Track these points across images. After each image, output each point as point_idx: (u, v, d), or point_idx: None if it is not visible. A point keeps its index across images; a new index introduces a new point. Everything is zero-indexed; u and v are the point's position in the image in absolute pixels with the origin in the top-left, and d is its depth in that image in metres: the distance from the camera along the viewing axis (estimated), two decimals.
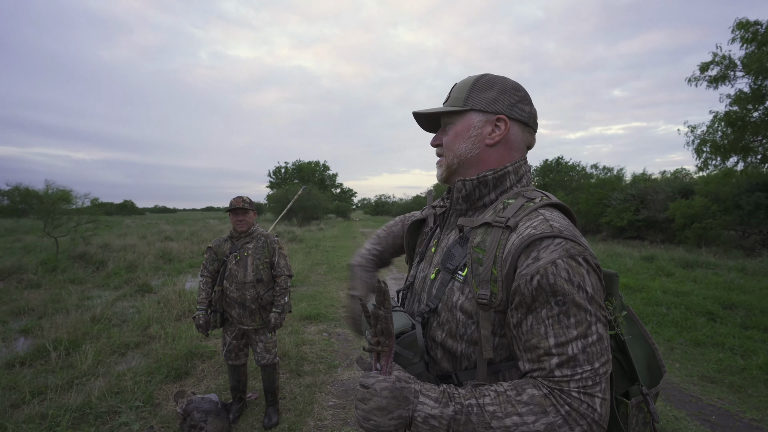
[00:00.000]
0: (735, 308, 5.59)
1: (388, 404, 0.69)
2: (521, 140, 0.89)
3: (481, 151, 0.88)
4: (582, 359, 0.66)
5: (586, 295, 0.68)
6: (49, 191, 10.73)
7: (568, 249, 0.69)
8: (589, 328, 0.67)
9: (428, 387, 0.72)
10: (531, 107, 0.90)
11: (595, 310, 0.68)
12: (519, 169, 0.88)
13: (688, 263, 9.23)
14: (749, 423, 2.95)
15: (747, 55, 9.18)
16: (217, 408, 2.75)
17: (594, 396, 0.66)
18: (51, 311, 5.74)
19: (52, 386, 3.38)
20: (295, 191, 30.88)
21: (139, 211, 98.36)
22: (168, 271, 9.72)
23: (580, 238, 0.73)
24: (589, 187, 21.27)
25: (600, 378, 0.67)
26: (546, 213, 0.76)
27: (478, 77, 0.91)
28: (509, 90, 0.88)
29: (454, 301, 0.80)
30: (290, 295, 2.95)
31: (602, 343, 0.68)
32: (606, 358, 0.68)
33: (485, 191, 0.87)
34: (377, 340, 0.73)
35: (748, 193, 12.15)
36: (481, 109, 0.87)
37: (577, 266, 0.68)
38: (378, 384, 0.71)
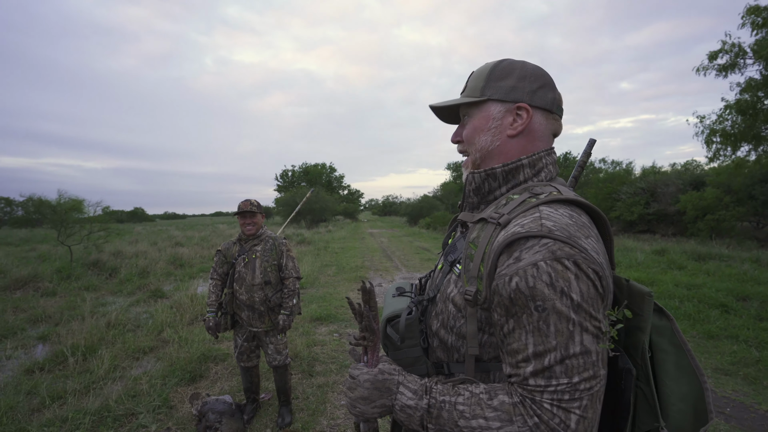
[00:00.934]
0: (749, 300, 5.52)
1: (370, 394, 0.76)
2: (545, 128, 0.83)
3: (502, 143, 0.83)
4: (559, 371, 0.62)
5: (571, 303, 0.62)
6: (62, 201, 10.93)
7: (554, 251, 0.63)
8: (571, 338, 0.62)
9: (411, 379, 0.76)
10: (554, 92, 0.83)
11: (581, 320, 0.62)
12: (537, 161, 0.82)
13: (700, 256, 9.11)
14: (764, 414, 2.92)
15: (757, 41, 9.03)
16: (232, 409, 2.80)
17: (570, 411, 0.61)
18: (67, 318, 5.86)
19: (70, 391, 3.46)
20: (303, 194, 31.04)
21: (149, 218, 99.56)
22: (179, 276, 9.84)
23: (580, 239, 0.65)
24: (598, 181, 21.08)
25: (580, 394, 0.61)
26: (546, 210, 0.70)
27: (496, 63, 0.85)
28: (529, 75, 0.82)
29: (448, 293, 0.81)
30: (299, 296, 2.93)
31: (587, 356, 0.62)
32: (591, 373, 0.62)
33: (495, 185, 0.83)
34: (362, 336, 0.80)
35: (762, 183, 11.96)
36: (499, 99, 0.82)
37: (562, 270, 0.62)
38: (362, 376, 0.78)
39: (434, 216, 26.93)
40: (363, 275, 9.13)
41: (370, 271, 9.72)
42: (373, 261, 11.60)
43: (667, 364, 0.72)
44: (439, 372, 0.82)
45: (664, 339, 0.73)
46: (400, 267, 10.44)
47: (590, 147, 1.00)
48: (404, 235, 22.30)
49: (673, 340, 0.73)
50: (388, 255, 13.02)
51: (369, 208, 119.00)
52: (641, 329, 0.71)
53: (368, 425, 0.83)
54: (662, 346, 0.73)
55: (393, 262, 11.45)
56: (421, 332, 0.85)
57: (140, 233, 24.95)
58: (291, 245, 2.96)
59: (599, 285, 0.64)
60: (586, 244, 0.65)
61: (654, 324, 0.74)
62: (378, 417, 0.78)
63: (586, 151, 1.00)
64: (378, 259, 11.96)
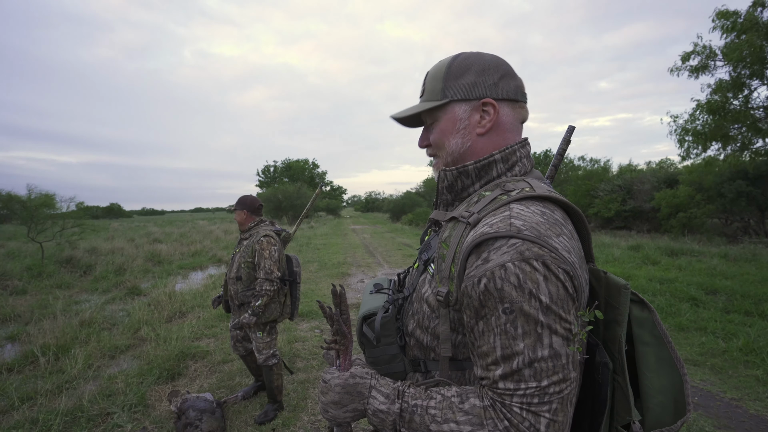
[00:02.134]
0: (717, 293, 5.75)
1: (341, 398, 0.75)
2: (513, 119, 0.81)
3: (473, 142, 0.81)
4: (527, 374, 0.61)
5: (540, 305, 0.60)
6: (32, 196, 10.52)
7: (522, 251, 0.61)
8: (539, 341, 0.61)
9: (383, 383, 0.75)
10: (515, 79, 0.81)
11: (550, 322, 0.61)
12: (510, 155, 0.80)
13: (673, 251, 9.43)
14: (729, 402, 3.05)
15: (727, 44, 9.37)
16: (212, 407, 2.76)
17: (539, 415, 0.61)
18: (38, 317, 5.66)
19: (41, 391, 3.35)
20: (285, 190, 30.69)
21: (126, 214, 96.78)
22: (158, 273, 9.63)
23: (550, 238, 0.63)
24: (577, 179, 21.55)
25: (550, 397, 0.61)
26: (516, 208, 0.68)
27: (450, 60, 0.82)
28: (489, 68, 0.79)
29: (422, 292, 0.81)
30: (272, 299, 2.80)
31: (557, 359, 0.61)
32: (560, 377, 0.61)
33: (468, 182, 0.81)
34: (334, 339, 0.80)
35: (730, 181, 12.44)
36: (462, 98, 0.80)
37: (531, 271, 0.61)
38: (333, 380, 0.77)
39: (417, 212, 27.08)
40: (345, 271, 9.11)
41: (352, 267, 9.70)
42: (355, 257, 11.58)
43: (648, 356, 0.71)
44: (416, 370, 0.82)
45: (645, 331, 0.72)
46: (383, 263, 10.46)
47: (569, 134, 0.99)
48: (387, 232, 22.35)
49: (654, 332, 0.71)
50: (371, 251, 13.02)
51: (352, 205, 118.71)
52: (618, 322, 0.71)
53: (341, 429, 0.82)
54: (643, 338, 0.72)
55: (375, 258, 11.46)
56: (398, 330, 0.84)
57: (117, 229, 24.27)
58: (268, 244, 2.79)
59: (569, 286, 0.63)
60: (557, 242, 0.64)
61: (635, 315, 0.73)
62: (351, 421, 0.77)
63: (565, 139, 0.99)
64: (360, 255, 11.95)
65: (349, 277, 8.49)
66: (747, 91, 9.64)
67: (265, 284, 2.71)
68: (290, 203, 28.91)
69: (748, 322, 4.54)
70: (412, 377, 0.82)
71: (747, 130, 9.94)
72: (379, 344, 0.84)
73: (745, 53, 8.58)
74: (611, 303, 0.72)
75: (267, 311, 2.81)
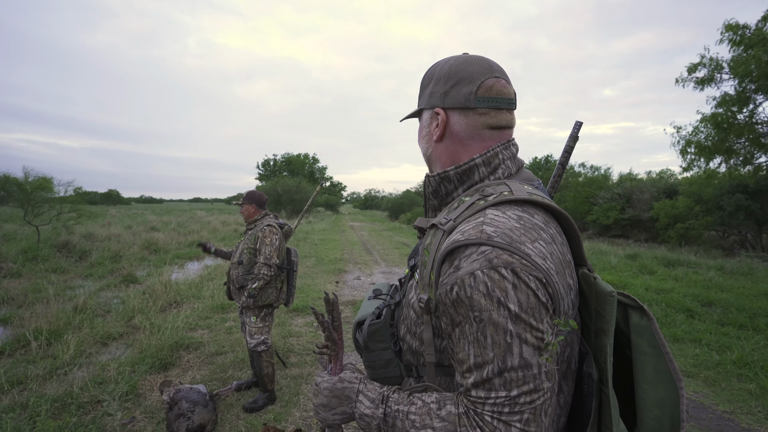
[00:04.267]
0: (713, 306, 5.76)
1: (329, 402, 0.78)
2: (468, 127, 0.79)
3: (433, 148, 0.85)
4: (498, 384, 0.60)
5: (509, 313, 0.59)
6: (29, 179, 10.46)
7: (491, 259, 0.60)
8: (509, 350, 0.59)
9: (370, 388, 0.77)
10: (470, 86, 0.78)
11: (519, 331, 0.59)
12: (492, 159, 0.79)
13: (670, 262, 9.44)
14: (721, 415, 3.05)
15: (734, 58, 9.36)
16: (205, 399, 2.75)
17: (510, 425, 0.60)
18: (31, 301, 5.64)
19: (32, 376, 3.33)
20: (285, 184, 30.63)
21: (124, 201, 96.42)
22: (154, 261, 9.60)
23: (523, 245, 0.62)
24: (577, 185, 21.57)
25: (521, 407, 0.59)
26: (492, 213, 0.67)
27: (426, 71, 0.87)
28: (443, 77, 0.81)
29: (409, 299, 0.82)
30: (267, 284, 2.98)
31: (527, 369, 0.59)
32: (531, 387, 0.59)
33: (450, 187, 0.82)
34: (325, 345, 0.83)
35: (729, 194, 12.47)
36: (425, 107, 0.85)
37: (499, 279, 0.59)
38: (323, 383, 0.80)
39: (415, 212, 27.07)
40: (342, 268, 9.10)
41: (349, 264, 9.69)
42: (352, 254, 11.57)
43: (646, 367, 0.68)
44: (409, 374, 0.83)
45: (643, 340, 0.69)
46: (380, 261, 10.45)
47: (577, 130, 0.97)
48: (385, 230, 22.34)
49: (652, 341, 0.68)
50: (368, 249, 13.01)
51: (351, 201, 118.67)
52: (604, 331, 0.69)
53: (332, 430, 0.84)
54: (641, 348, 0.69)
55: (372, 255, 11.45)
56: (393, 335, 0.85)
57: (114, 216, 24.20)
58: (270, 232, 3.00)
59: (542, 293, 0.60)
60: (531, 249, 0.62)
61: (634, 323, 0.71)
62: (340, 423, 0.80)
63: (572, 135, 0.97)
64: (358, 253, 11.94)
65: (346, 274, 8.48)
66: (752, 106, 9.64)
67: (263, 269, 2.92)
68: (289, 197, 28.86)
69: (743, 335, 4.55)
70: (407, 382, 0.84)
71: (750, 145, 9.95)
72: (369, 350, 0.86)
73: (752, 68, 8.57)
74: (599, 311, 0.70)
75: (263, 294, 2.99)
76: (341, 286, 7.24)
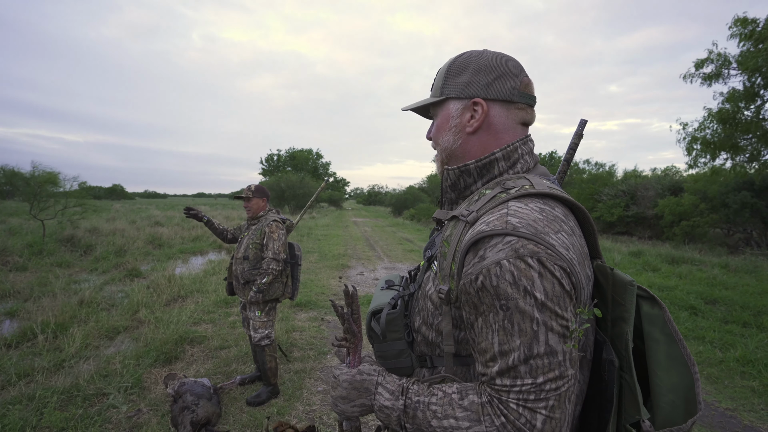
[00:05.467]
0: (717, 303, 5.73)
1: (348, 394, 0.79)
2: (507, 120, 0.81)
3: (463, 141, 0.83)
4: (523, 371, 0.61)
5: (535, 302, 0.61)
6: (36, 173, 10.52)
7: (517, 249, 0.62)
8: (535, 338, 0.61)
9: (389, 380, 0.78)
10: (514, 80, 0.80)
11: (545, 319, 0.61)
12: (512, 153, 0.80)
13: (674, 259, 9.40)
14: (724, 412, 3.05)
15: (742, 53, 9.24)
16: (209, 392, 2.77)
17: (536, 412, 0.61)
18: (37, 294, 5.69)
19: (39, 368, 3.37)
20: (288, 179, 30.65)
21: (128, 196, 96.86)
22: (158, 256, 9.66)
23: (548, 235, 0.63)
24: (581, 182, 21.47)
25: (547, 394, 0.61)
26: (515, 206, 0.68)
27: (454, 59, 0.85)
28: (485, 67, 0.80)
29: (426, 290, 0.82)
30: (275, 278, 2.98)
31: (553, 356, 0.61)
32: (557, 373, 0.61)
33: (470, 180, 0.83)
34: (344, 338, 0.84)
35: (735, 192, 12.38)
36: (456, 96, 0.82)
37: (526, 268, 0.61)
38: (342, 376, 0.80)
39: (419, 208, 27.03)
40: (345, 263, 9.12)
41: (352, 260, 9.71)
42: (355, 249, 11.59)
43: (659, 353, 0.70)
44: (422, 365, 0.83)
45: (655, 328, 0.71)
46: (383, 257, 10.46)
47: (582, 127, 0.98)
48: (388, 226, 22.34)
49: (665, 329, 0.70)
50: (371, 244, 13.03)
51: (354, 197, 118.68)
52: (624, 319, 0.70)
53: (350, 423, 0.86)
54: (654, 336, 0.71)
55: (376, 251, 11.47)
56: (406, 326, 0.86)
57: (119, 211, 24.32)
58: (277, 227, 3.02)
59: (566, 282, 0.62)
60: (555, 239, 0.64)
61: (646, 312, 0.73)
62: (359, 416, 0.80)
63: (577, 132, 0.98)
64: (361, 248, 11.96)
65: (349, 270, 8.50)
66: (759, 102, 9.54)
67: (272, 263, 2.93)
68: (293, 193, 28.89)
69: (746, 333, 4.53)
70: (419, 372, 0.84)
71: (757, 141, 9.85)
72: (386, 339, 0.87)
73: (761, 62, 8.47)
74: (617, 300, 0.71)
75: (271, 289, 3.01)
76: (344, 282, 7.27)
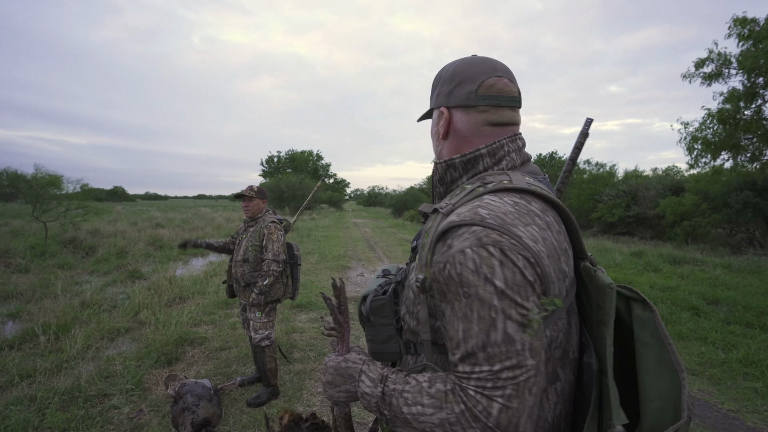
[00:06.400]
0: (719, 304, 5.71)
1: (334, 379, 0.83)
2: (469, 124, 0.83)
3: (441, 145, 0.90)
4: (481, 358, 0.62)
5: (494, 289, 0.61)
6: (38, 176, 10.55)
7: (480, 237, 0.63)
8: (492, 325, 0.61)
9: (372, 368, 0.81)
10: (471, 85, 0.82)
11: (504, 307, 0.61)
12: (497, 150, 0.82)
13: (675, 259, 9.37)
14: (726, 413, 3.04)
15: (742, 52, 9.23)
16: (210, 394, 2.77)
17: (492, 400, 0.61)
18: (39, 296, 5.70)
19: (41, 369, 3.37)
20: (288, 181, 30.68)
21: (129, 198, 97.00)
22: (159, 258, 9.66)
23: (515, 227, 0.65)
24: (582, 182, 21.44)
25: (504, 383, 0.60)
26: (488, 198, 0.70)
27: (438, 73, 0.91)
28: (449, 78, 0.86)
29: (410, 279, 0.86)
30: (276, 279, 2.99)
31: (510, 345, 0.61)
32: (514, 362, 0.60)
33: (455, 175, 0.86)
34: (332, 328, 0.91)
35: (737, 191, 12.34)
36: (434, 107, 0.90)
37: (487, 256, 0.62)
38: (330, 362, 0.85)
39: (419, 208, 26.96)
40: (345, 264, 9.12)
41: (352, 261, 9.71)
42: (356, 250, 11.59)
43: (648, 358, 0.68)
44: (408, 352, 0.87)
45: (646, 332, 0.70)
46: (383, 257, 10.45)
47: (588, 126, 0.99)
48: (388, 227, 22.34)
49: (655, 333, 0.69)
50: (371, 245, 13.03)
51: (354, 198, 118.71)
52: (604, 323, 0.70)
53: (340, 409, 0.90)
54: (644, 339, 0.70)
55: (376, 252, 11.46)
56: (395, 313, 0.90)
57: (120, 213, 24.36)
58: (276, 229, 3.01)
59: (530, 273, 0.62)
60: (523, 231, 0.65)
61: (637, 315, 0.72)
62: (345, 401, 0.84)
63: (583, 131, 0.99)
64: (361, 249, 11.96)
65: (349, 271, 8.49)
66: (760, 101, 9.52)
67: (273, 265, 2.93)
68: (293, 194, 28.91)
69: (749, 333, 4.51)
70: (405, 359, 0.89)
71: (758, 141, 9.83)
72: (373, 324, 0.92)
73: (761, 62, 8.46)
74: (599, 303, 0.71)
75: (272, 290, 3.01)
76: (344, 283, 7.27)
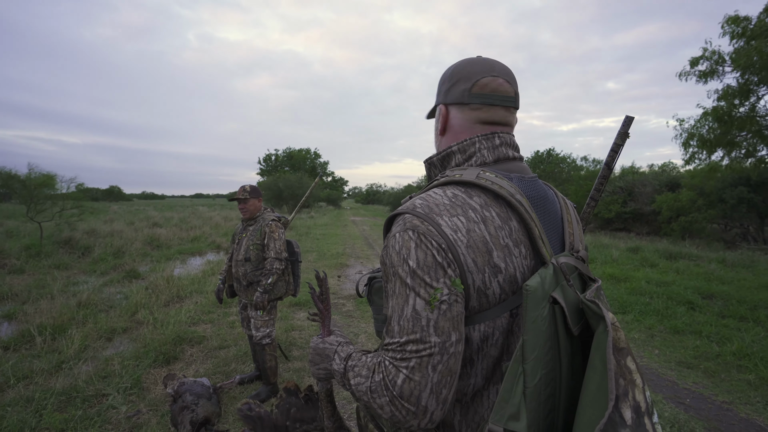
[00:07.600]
0: (714, 298, 5.76)
1: (314, 359, 0.92)
2: (463, 121, 0.87)
3: (439, 140, 0.95)
4: (395, 331, 0.69)
5: (408, 269, 0.68)
6: (32, 175, 10.48)
7: (405, 223, 0.72)
8: (406, 301, 0.68)
9: (344, 350, 0.87)
10: (466, 84, 0.85)
11: (414, 285, 0.68)
12: (468, 147, 0.85)
13: (671, 255, 9.44)
14: (720, 405, 3.07)
15: (736, 50, 9.27)
16: (209, 392, 2.78)
17: (399, 370, 0.66)
18: (35, 296, 5.68)
19: (37, 370, 3.37)
20: (286, 179, 30.63)
21: (126, 197, 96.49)
22: (156, 257, 9.64)
23: (440, 216, 0.70)
24: (579, 179, 21.51)
25: (408, 354, 0.66)
26: (433, 191, 0.77)
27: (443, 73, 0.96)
28: (447, 77, 0.90)
29: None
30: (279, 277, 3.00)
31: (416, 320, 0.66)
32: (417, 336, 0.65)
33: (436, 171, 0.92)
34: (314, 313, 1.03)
35: (732, 187, 12.43)
36: (437, 104, 0.95)
37: (407, 240, 0.70)
38: (311, 344, 0.94)
39: None
40: (344, 262, 9.12)
41: (350, 258, 9.72)
42: (354, 248, 11.60)
43: (591, 383, 0.59)
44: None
45: (597, 354, 0.60)
46: None
47: (627, 126, 0.90)
48: None
49: (603, 356, 0.59)
50: (370, 243, 13.03)
51: (352, 196, 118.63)
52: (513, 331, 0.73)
53: (322, 384, 1.01)
54: (593, 362, 0.60)
55: (374, 250, 11.47)
56: None
57: (116, 212, 24.26)
58: (277, 227, 3.02)
59: (441, 257, 0.68)
60: (446, 221, 0.70)
61: (598, 334, 0.62)
62: (325, 377, 0.92)
63: (621, 132, 0.92)
64: (359, 247, 11.97)
65: (348, 268, 8.50)
66: (754, 98, 9.57)
67: (275, 263, 2.94)
68: (291, 192, 28.86)
69: (743, 327, 4.56)
70: None
71: (752, 138, 9.89)
72: (375, 303, 1.00)
73: (755, 59, 8.50)
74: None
75: (275, 288, 3.03)
76: (343, 280, 7.27)
